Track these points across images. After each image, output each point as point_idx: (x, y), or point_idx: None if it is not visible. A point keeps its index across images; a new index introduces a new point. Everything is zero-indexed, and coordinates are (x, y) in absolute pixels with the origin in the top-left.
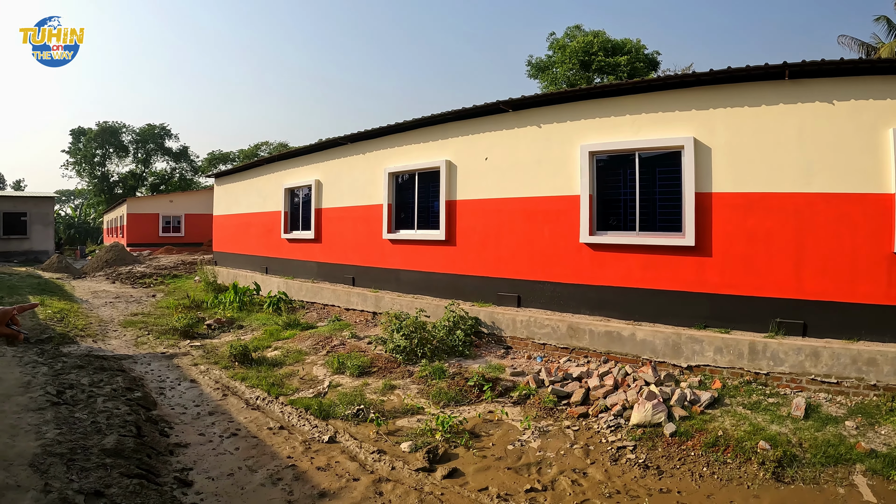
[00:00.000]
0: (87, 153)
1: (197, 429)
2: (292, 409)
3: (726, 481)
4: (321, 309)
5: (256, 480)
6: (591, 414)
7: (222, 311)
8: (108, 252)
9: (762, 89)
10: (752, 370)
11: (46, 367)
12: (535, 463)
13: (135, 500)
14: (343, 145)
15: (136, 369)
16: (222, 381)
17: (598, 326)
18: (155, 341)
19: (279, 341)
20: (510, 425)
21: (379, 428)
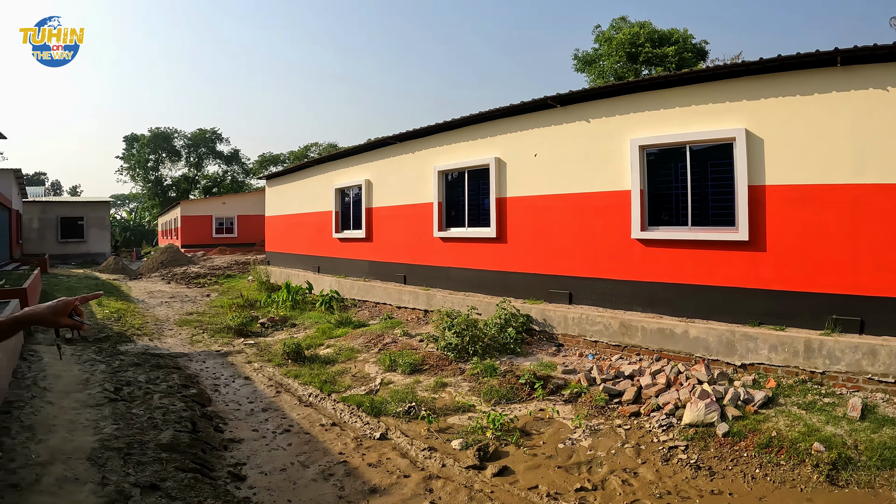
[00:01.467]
0: (141, 158)
1: (251, 425)
2: (344, 405)
3: (779, 483)
4: (373, 307)
5: (308, 476)
6: (642, 413)
7: (275, 309)
8: (163, 253)
9: (813, 77)
10: (808, 369)
11: (104, 364)
12: (586, 462)
13: (189, 493)
14: (392, 145)
15: (192, 367)
16: (276, 379)
17: (650, 324)
18: (210, 340)
19: (331, 339)
20: (561, 424)
21: (430, 425)
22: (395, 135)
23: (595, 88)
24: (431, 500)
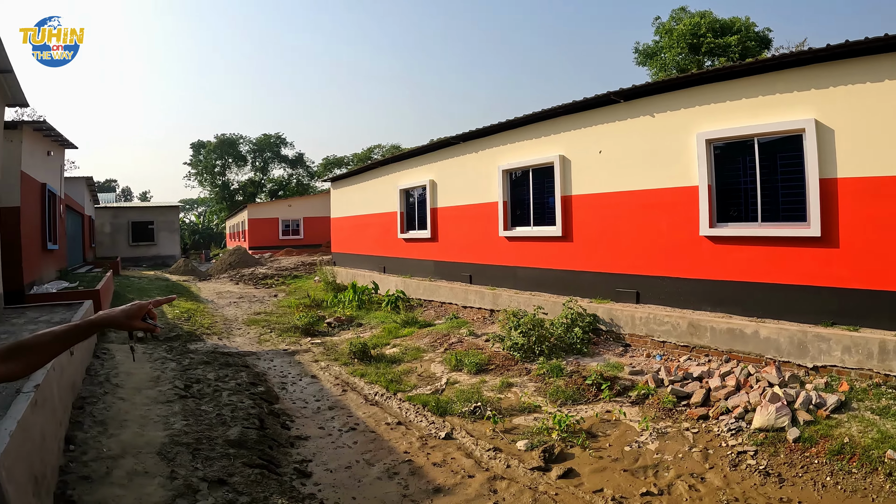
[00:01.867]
0: (208, 164)
1: (317, 422)
2: (410, 405)
3: (850, 492)
4: (438, 307)
5: (373, 474)
6: (711, 416)
7: (342, 309)
8: (231, 255)
9: (884, 63)
10: (882, 372)
11: (175, 362)
12: (652, 466)
13: (255, 488)
14: (455, 145)
15: (260, 365)
16: (342, 378)
17: (719, 323)
18: (277, 339)
19: (397, 339)
20: (628, 426)
21: (495, 426)
22: (458, 135)
23: (658, 82)
24: (495, 501)
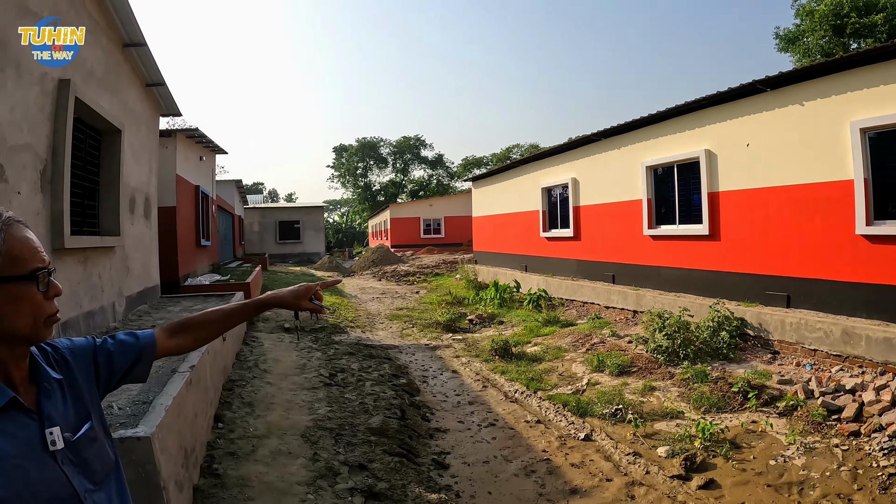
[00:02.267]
0: (350, 166)
1: (456, 416)
2: (550, 404)
3: None
4: (580, 306)
5: (510, 470)
6: (862, 433)
7: (483, 307)
8: (374, 253)
9: None
10: None
11: (320, 352)
12: (797, 483)
13: (394, 476)
14: (597, 141)
15: (402, 358)
16: (482, 374)
17: (875, 332)
18: (419, 334)
19: (538, 337)
20: (773, 438)
21: (636, 430)
22: (599, 131)
23: (805, 68)
24: None
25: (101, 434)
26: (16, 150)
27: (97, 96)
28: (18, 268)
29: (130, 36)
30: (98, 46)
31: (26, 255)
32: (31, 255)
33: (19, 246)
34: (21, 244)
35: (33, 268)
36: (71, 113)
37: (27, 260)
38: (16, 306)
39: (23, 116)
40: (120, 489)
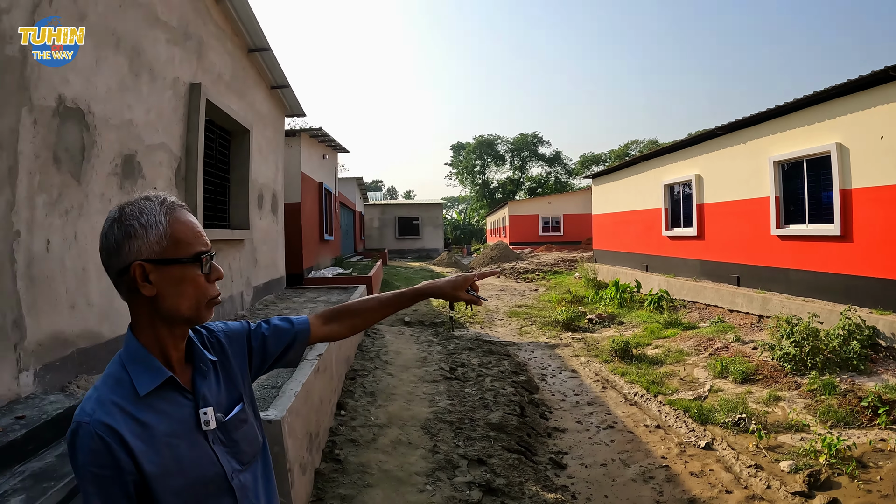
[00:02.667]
0: (468, 164)
1: (575, 416)
2: (670, 409)
3: None
4: (703, 309)
5: (628, 475)
6: None
7: (603, 306)
8: (492, 249)
9: None
10: None
11: (440, 346)
12: None
13: (512, 472)
14: (721, 136)
15: (520, 355)
16: (602, 374)
17: None
18: (538, 331)
19: (659, 340)
20: None
21: (759, 441)
22: (723, 125)
23: None
24: None
25: (251, 416)
26: (152, 148)
27: (226, 99)
28: (182, 250)
29: (255, 41)
30: (224, 52)
31: (190, 239)
32: (194, 238)
33: (183, 229)
34: (185, 227)
35: (197, 251)
36: (203, 114)
37: (191, 243)
38: (179, 288)
39: (157, 118)
40: (265, 470)
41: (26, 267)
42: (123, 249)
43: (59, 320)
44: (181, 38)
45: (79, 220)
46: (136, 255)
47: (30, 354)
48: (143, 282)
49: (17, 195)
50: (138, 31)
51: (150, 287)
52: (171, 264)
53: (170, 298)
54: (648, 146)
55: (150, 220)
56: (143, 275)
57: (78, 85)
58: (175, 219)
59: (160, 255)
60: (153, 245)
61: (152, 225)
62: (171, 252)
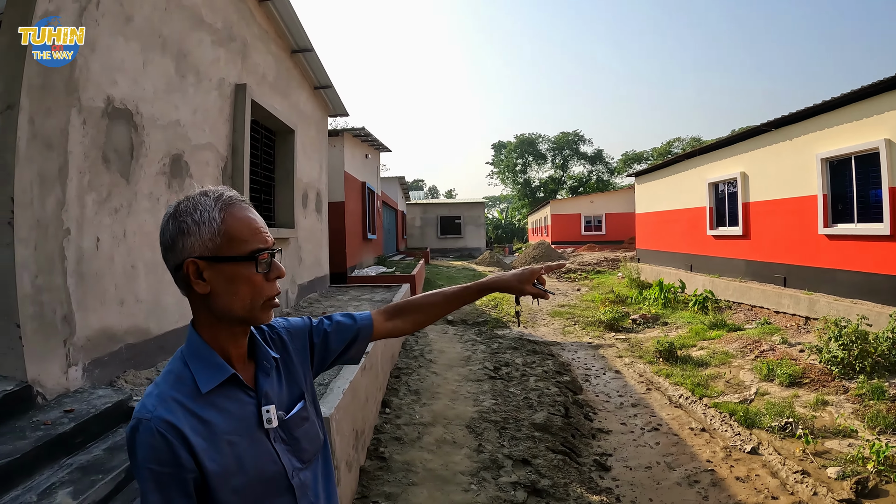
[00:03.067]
0: (509, 163)
1: (619, 418)
2: (715, 412)
3: None
4: (748, 310)
5: (672, 478)
6: None
7: (646, 307)
8: (534, 249)
9: None
10: None
11: (484, 345)
12: None
13: (556, 473)
14: (766, 132)
15: (564, 355)
16: (646, 376)
17: None
18: (581, 331)
19: (704, 341)
20: None
21: (806, 446)
22: (769, 121)
23: None
24: None
25: (312, 414)
26: (199, 148)
27: (270, 99)
28: (236, 248)
29: (297, 42)
30: (268, 53)
31: (245, 236)
32: (250, 235)
33: (238, 226)
34: (241, 224)
35: (253, 249)
36: (248, 114)
37: (246, 240)
38: (232, 287)
39: (204, 118)
40: (326, 469)
41: (76, 264)
42: (177, 246)
43: (108, 316)
44: (225, 40)
45: (128, 219)
46: (190, 251)
47: (79, 349)
48: (197, 279)
49: (67, 194)
50: (183, 34)
51: (204, 284)
52: (224, 262)
53: (223, 297)
54: (691, 144)
55: (204, 216)
56: (196, 272)
57: (126, 86)
58: (230, 214)
59: (213, 252)
60: (206, 242)
61: (205, 221)
62: (225, 249)
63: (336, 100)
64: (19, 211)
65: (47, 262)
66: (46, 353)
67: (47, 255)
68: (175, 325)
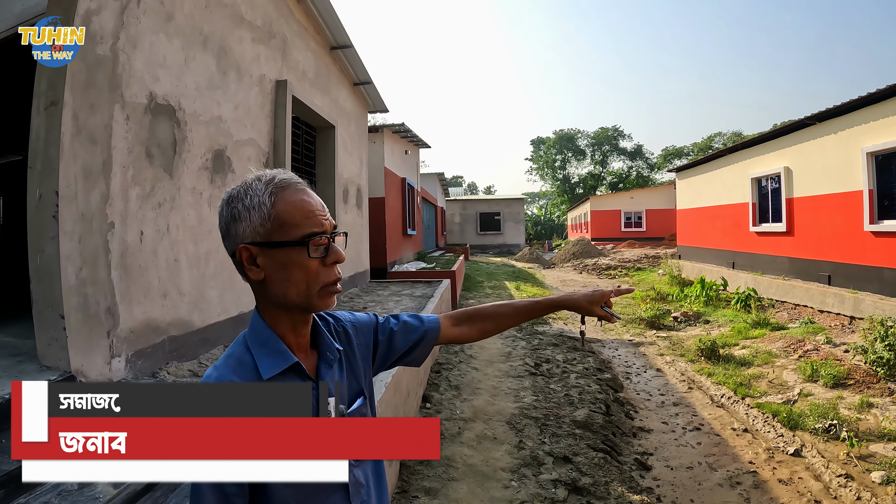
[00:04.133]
0: (548, 159)
1: (660, 417)
2: (758, 412)
3: None
4: (791, 309)
5: (714, 479)
6: None
7: (688, 304)
8: (574, 245)
9: None
10: None
11: (524, 342)
12: None
13: (597, 471)
14: (810, 126)
15: (604, 353)
16: (688, 374)
17: None
18: (621, 329)
19: (747, 340)
20: None
21: (850, 449)
22: (813, 115)
23: None
24: None
25: (369, 411)
26: (240, 144)
27: (311, 95)
28: (288, 233)
29: (337, 39)
30: (308, 50)
31: (298, 220)
32: (304, 219)
33: (290, 209)
34: (293, 208)
35: (306, 233)
36: (289, 110)
37: (298, 224)
38: (286, 273)
39: (245, 114)
40: (377, 468)
41: (120, 257)
42: (231, 232)
43: (151, 309)
44: (266, 37)
45: (171, 213)
46: (242, 238)
47: (122, 341)
48: (251, 266)
49: (111, 188)
50: (224, 31)
51: (258, 271)
52: (275, 247)
53: (277, 284)
54: (732, 139)
55: (254, 201)
56: (250, 258)
57: (168, 83)
58: (281, 198)
59: (264, 237)
60: (257, 227)
61: (255, 206)
62: (277, 234)
63: (375, 96)
64: (64, 205)
65: (92, 255)
66: (90, 344)
67: (92, 248)
68: (218, 318)
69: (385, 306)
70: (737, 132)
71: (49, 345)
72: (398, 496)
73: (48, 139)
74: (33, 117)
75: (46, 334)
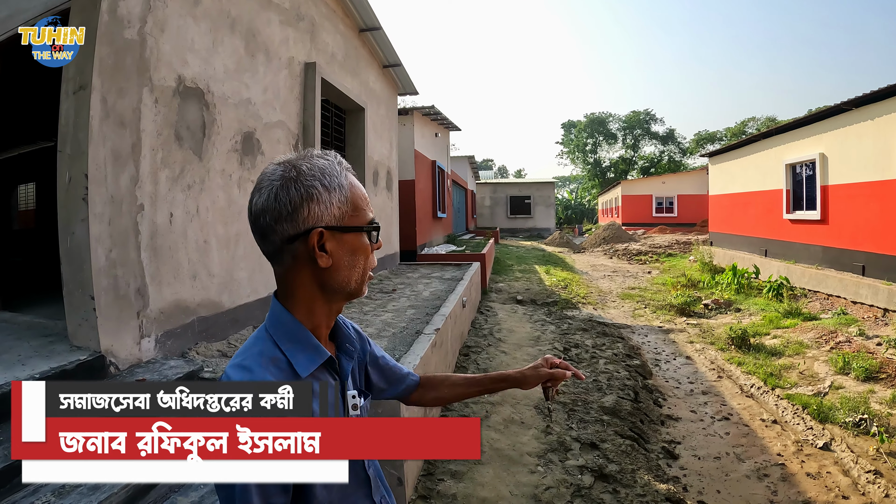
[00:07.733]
0: (579, 143)
1: (688, 405)
2: (788, 403)
3: None
4: (824, 299)
5: (742, 470)
6: None
7: (719, 292)
8: (605, 230)
9: None
10: None
11: (553, 326)
12: None
13: (624, 459)
14: (847, 111)
15: (634, 339)
16: (717, 363)
17: None
18: (651, 315)
19: (778, 329)
20: None
21: (881, 445)
22: (850, 100)
23: None
24: None
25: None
26: (270, 126)
27: (340, 77)
28: (359, 218)
29: (365, 21)
30: (336, 32)
31: (363, 205)
32: (366, 204)
33: (360, 194)
34: (361, 192)
35: (370, 218)
36: (318, 93)
37: (364, 209)
38: (353, 259)
39: (274, 96)
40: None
41: (150, 238)
42: (301, 213)
43: (181, 290)
44: (294, 20)
45: (201, 195)
46: (317, 220)
47: (152, 321)
48: (321, 251)
49: (140, 170)
50: (252, 14)
51: (327, 257)
52: (349, 232)
53: (344, 270)
54: (766, 124)
55: (334, 181)
56: (320, 243)
57: (196, 66)
58: (352, 183)
59: (340, 221)
60: (335, 210)
61: (336, 188)
62: (352, 218)
63: (405, 78)
64: (94, 187)
65: (121, 237)
66: (120, 324)
67: (121, 230)
68: (247, 300)
69: (414, 288)
70: (771, 117)
71: (79, 325)
72: (424, 478)
73: (77, 123)
74: (62, 101)
75: (77, 315)
